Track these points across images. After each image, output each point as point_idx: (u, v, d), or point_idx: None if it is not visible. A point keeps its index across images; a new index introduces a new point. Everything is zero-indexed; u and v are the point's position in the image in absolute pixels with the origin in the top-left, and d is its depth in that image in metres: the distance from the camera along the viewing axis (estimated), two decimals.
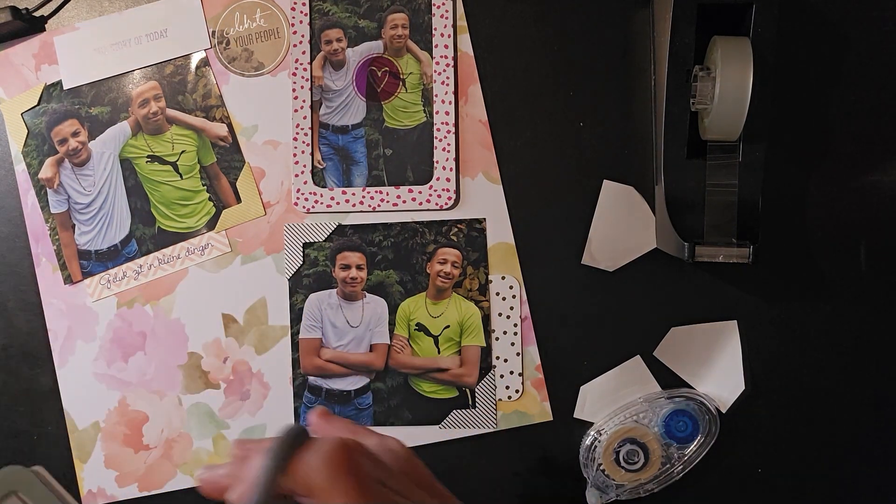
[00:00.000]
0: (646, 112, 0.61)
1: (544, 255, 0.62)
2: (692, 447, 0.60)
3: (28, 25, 0.65)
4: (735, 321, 0.61)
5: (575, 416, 0.62)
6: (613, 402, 0.61)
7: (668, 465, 0.60)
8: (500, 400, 0.62)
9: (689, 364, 0.61)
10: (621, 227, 0.61)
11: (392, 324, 0.63)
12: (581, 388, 0.62)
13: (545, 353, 0.62)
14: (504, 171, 0.62)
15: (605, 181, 0.62)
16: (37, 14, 0.66)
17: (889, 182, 0.60)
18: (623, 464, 0.60)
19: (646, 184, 0.61)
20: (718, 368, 0.61)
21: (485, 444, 0.63)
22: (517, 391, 0.62)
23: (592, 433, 0.61)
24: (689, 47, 0.54)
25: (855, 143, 0.60)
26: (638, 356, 0.62)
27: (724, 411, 0.61)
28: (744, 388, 0.61)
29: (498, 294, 0.62)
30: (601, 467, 0.60)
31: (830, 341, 0.61)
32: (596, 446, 0.60)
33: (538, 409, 0.62)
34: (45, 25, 0.66)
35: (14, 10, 0.64)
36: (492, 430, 0.62)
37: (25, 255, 0.66)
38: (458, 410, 0.62)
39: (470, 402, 0.62)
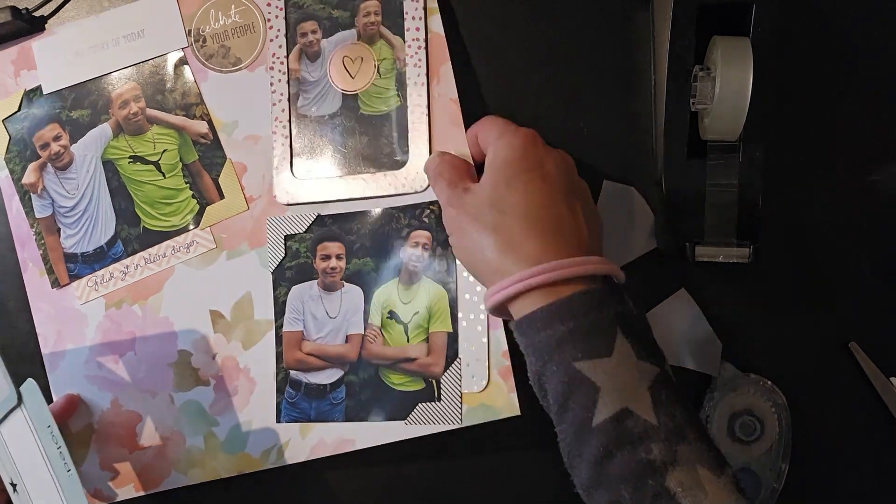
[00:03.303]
0: (646, 112, 0.60)
1: None
2: None
3: (28, 25, 0.65)
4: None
5: None
6: None
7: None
8: (465, 392, 0.58)
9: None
10: (621, 227, 0.60)
11: (367, 312, 0.62)
12: None
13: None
14: None
15: (605, 181, 0.61)
16: (37, 14, 0.66)
17: (889, 182, 0.59)
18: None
19: (646, 184, 0.60)
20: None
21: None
22: (484, 381, 0.58)
23: None
24: (689, 47, 0.53)
25: (855, 143, 0.59)
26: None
27: None
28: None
29: (466, 275, 0.59)
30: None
31: (830, 341, 0.59)
32: None
33: (504, 401, 0.58)
34: (45, 25, 0.66)
35: (14, 10, 0.64)
36: (457, 426, 0.58)
37: (12, 261, 0.66)
38: (424, 404, 0.59)
39: (436, 395, 0.59)
